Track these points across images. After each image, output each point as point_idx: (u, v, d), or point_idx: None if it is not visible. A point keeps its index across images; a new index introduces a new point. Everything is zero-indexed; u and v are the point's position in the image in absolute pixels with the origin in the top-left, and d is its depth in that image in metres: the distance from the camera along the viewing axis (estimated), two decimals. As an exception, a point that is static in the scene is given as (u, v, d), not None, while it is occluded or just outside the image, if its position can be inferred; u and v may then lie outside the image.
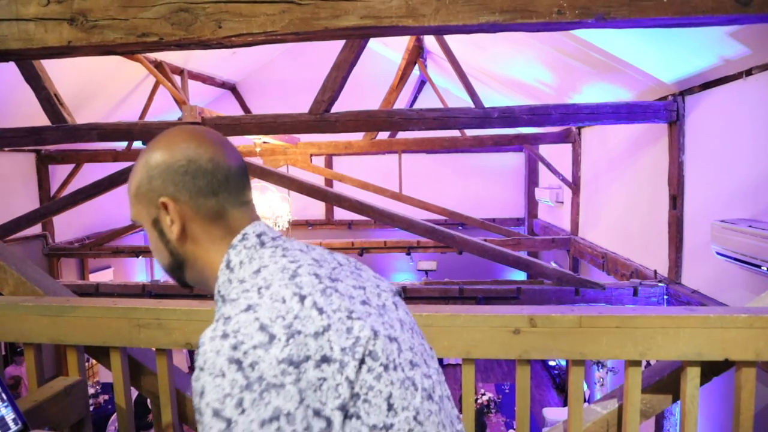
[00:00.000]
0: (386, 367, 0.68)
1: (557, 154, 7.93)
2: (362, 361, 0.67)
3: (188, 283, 0.85)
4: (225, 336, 0.64)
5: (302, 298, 0.68)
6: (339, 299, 0.71)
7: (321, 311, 0.67)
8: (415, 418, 0.69)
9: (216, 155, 0.80)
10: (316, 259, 0.78)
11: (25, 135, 4.83)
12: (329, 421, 0.63)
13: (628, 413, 1.35)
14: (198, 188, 0.78)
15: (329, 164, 10.32)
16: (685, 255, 4.27)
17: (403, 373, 0.71)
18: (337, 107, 4.48)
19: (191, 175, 0.78)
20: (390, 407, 0.67)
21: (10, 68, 4.71)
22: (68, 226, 8.13)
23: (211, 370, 0.62)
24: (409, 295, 4.89)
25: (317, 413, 0.62)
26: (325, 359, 0.64)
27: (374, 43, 8.77)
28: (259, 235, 0.80)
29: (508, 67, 6.66)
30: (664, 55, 3.87)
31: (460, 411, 1.38)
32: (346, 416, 0.64)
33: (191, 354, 7.29)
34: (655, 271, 4.58)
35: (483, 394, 7.26)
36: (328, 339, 0.65)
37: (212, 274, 0.80)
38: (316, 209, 10.44)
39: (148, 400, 1.69)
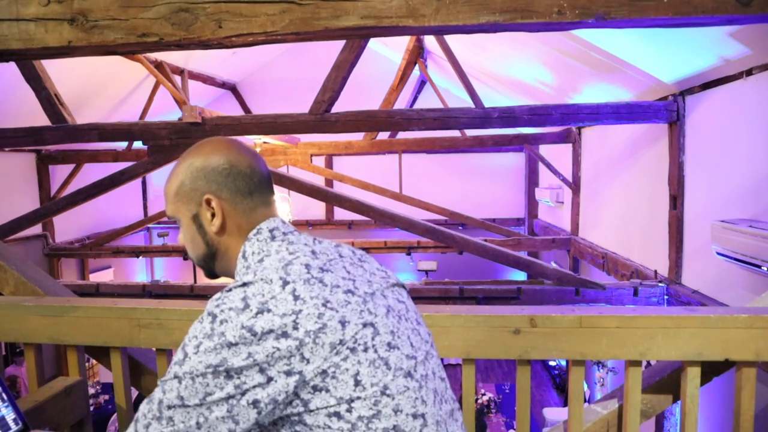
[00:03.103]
0: (353, 350, 0.79)
1: (557, 154, 7.93)
2: (328, 345, 0.78)
3: (216, 272, 1.00)
4: (217, 299, 0.81)
5: (285, 284, 0.81)
6: (319, 289, 0.82)
7: (296, 298, 0.79)
8: (383, 393, 0.80)
9: (252, 162, 0.96)
10: (315, 251, 0.90)
11: (25, 135, 4.83)
12: (270, 378, 0.76)
13: (629, 413, 1.35)
14: (237, 188, 0.93)
15: (329, 164, 10.32)
16: (685, 255, 4.27)
17: (375, 353, 0.81)
18: (338, 107, 4.48)
19: (233, 177, 0.93)
20: (357, 383, 0.78)
21: (11, 68, 4.71)
22: (68, 226, 8.13)
23: (200, 318, 0.81)
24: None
25: (262, 370, 0.76)
26: (285, 334, 0.76)
27: (374, 43, 8.76)
28: (271, 230, 0.93)
29: (508, 67, 6.66)
30: (664, 55, 3.87)
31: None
32: (305, 383, 0.77)
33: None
34: (656, 271, 4.58)
35: (483, 394, 7.26)
36: (294, 320, 0.77)
37: (236, 263, 0.95)
38: (316, 209, 10.44)
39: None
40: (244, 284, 0.82)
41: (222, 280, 1.00)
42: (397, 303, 0.92)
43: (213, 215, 0.93)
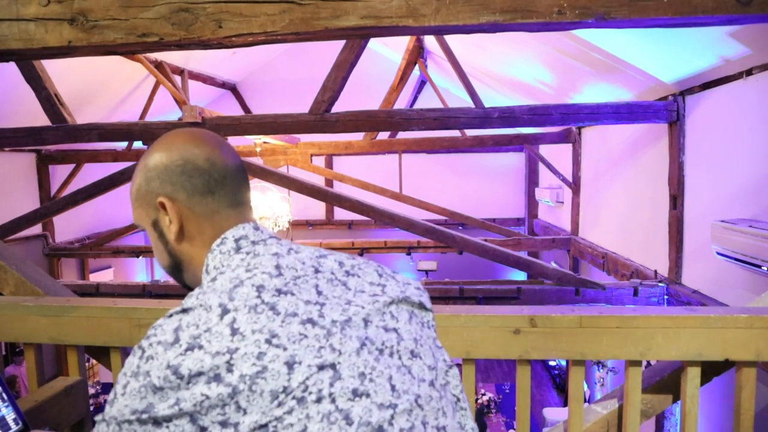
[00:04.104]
0: (301, 401, 0.64)
1: (557, 154, 7.93)
2: (268, 394, 0.64)
3: (187, 284, 0.86)
4: (153, 327, 0.69)
5: (224, 313, 0.67)
6: (267, 319, 0.67)
7: (235, 331, 0.65)
8: None
9: (212, 154, 0.81)
10: (280, 266, 0.74)
11: (25, 135, 4.83)
12: (203, 429, 0.63)
13: (629, 413, 1.35)
14: (194, 187, 0.79)
15: (329, 164, 10.32)
16: (685, 255, 4.27)
17: (333, 404, 0.65)
18: (338, 107, 4.48)
19: (188, 174, 0.79)
20: None
21: (11, 68, 4.71)
22: (68, 226, 8.13)
23: (133, 349, 0.68)
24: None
25: (193, 420, 0.63)
26: (218, 378, 0.63)
27: (374, 43, 8.77)
28: (237, 240, 0.78)
29: (508, 67, 6.66)
30: (664, 55, 3.87)
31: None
32: None
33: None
34: (656, 271, 4.58)
35: (483, 394, 7.27)
36: (228, 360, 0.64)
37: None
38: (316, 209, 10.44)
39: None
40: (184, 310, 0.69)
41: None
42: (383, 332, 0.74)
43: (171, 222, 0.80)
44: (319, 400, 0.64)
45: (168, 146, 0.81)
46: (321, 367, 0.66)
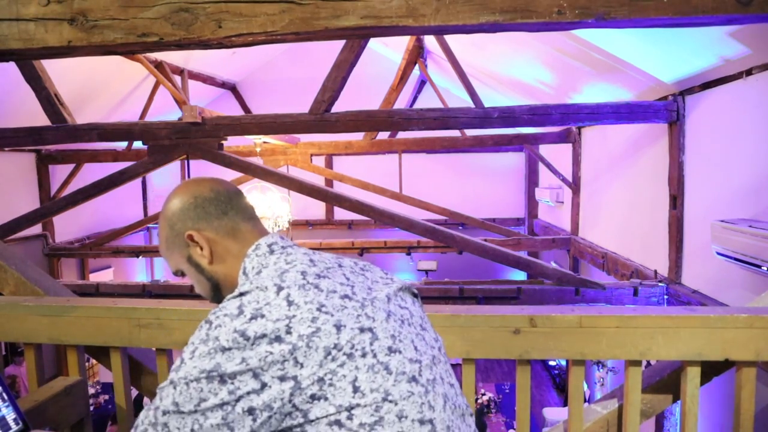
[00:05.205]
0: (350, 356, 0.78)
1: (557, 154, 7.93)
2: (322, 350, 0.77)
3: None
4: (215, 309, 0.83)
5: (279, 290, 0.82)
6: (314, 294, 0.82)
7: (290, 303, 0.80)
8: (385, 399, 0.79)
9: (213, 186, 0.99)
10: (313, 260, 0.91)
11: (25, 135, 4.83)
12: (264, 384, 0.75)
13: (629, 413, 1.35)
14: (210, 214, 0.96)
15: (329, 164, 10.32)
16: (685, 255, 4.27)
17: (374, 359, 0.80)
18: (338, 107, 4.48)
19: (201, 207, 0.96)
20: (356, 389, 0.77)
21: (11, 68, 4.71)
22: (68, 226, 8.13)
23: (199, 326, 0.82)
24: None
25: (255, 376, 0.75)
26: (279, 339, 0.77)
27: (374, 43, 8.76)
28: (269, 245, 0.94)
29: (508, 67, 6.66)
30: (664, 55, 3.87)
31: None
32: (301, 390, 0.76)
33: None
34: (656, 271, 4.58)
35: (483, 394, 7.27)
36: (287, 324, 0.78)
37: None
38: (316, 209, 10.43)
39: (145, 399, 1.70)
40: (241, 294, 0.83)
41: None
42: (399, 308, 0.92)
43: (202, 249, 0.96)
44: (364, 355, 0.80)
45: (176, 195, 0.98)
46: (361, 330, 0.82)
